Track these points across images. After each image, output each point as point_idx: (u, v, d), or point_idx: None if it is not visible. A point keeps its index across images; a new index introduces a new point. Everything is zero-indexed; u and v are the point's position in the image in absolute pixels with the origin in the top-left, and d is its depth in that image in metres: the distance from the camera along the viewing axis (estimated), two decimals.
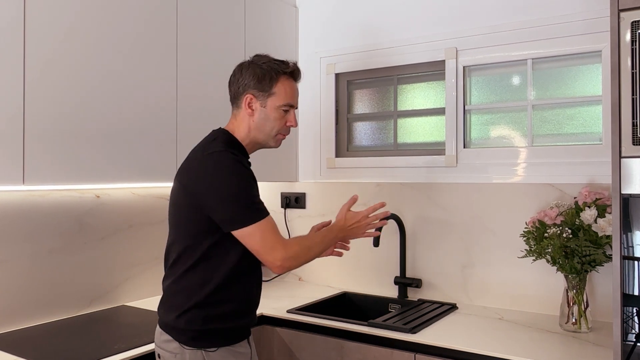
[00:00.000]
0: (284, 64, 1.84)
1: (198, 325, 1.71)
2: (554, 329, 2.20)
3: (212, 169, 1.69)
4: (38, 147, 1.94)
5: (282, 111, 1.83)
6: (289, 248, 1.72)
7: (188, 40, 2.49)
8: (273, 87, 1.81)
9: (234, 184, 1.69)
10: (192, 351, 1.71)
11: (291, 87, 1.85)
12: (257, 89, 1.81)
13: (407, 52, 2.86)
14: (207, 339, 1.72)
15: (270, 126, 1.83)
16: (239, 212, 1.68)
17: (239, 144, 1.84)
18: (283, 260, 1.70)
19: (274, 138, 1.87)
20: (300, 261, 1.76)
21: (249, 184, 1.71)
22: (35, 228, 2.26)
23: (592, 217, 2.12)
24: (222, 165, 1.69)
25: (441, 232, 2.72)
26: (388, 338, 2.12)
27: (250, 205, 1.69)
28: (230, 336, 1.76)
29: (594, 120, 2.43)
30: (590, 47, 2.39)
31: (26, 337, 2.08)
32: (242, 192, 1.69)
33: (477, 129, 2.72)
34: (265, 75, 1.80)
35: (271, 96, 1.81)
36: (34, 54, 1.92)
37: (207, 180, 1.69)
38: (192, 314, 1.72)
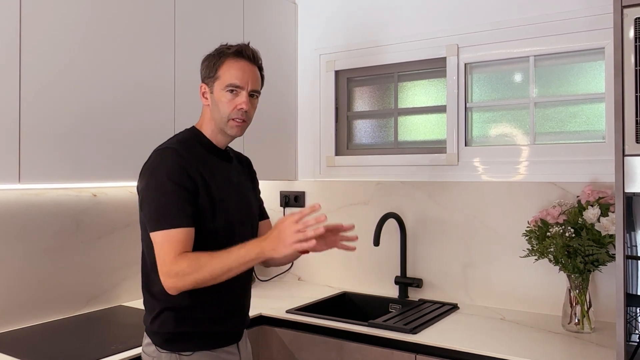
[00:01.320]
0: (227, 47, 1.76)
1: (171, 327, 1.69)
2: (557, 329, 2.20)
3: (148, 166, 1.68)
4: (34, 145, 1.94)
5: (228, 93, 1.72)
6: (177, 263, 1.55)
7: (186, 38, 2.49)
8: (218, 70, 1.74)
9: (157, 184, 1.62)
10: (167, 354, 1.69)
11: (237, 68, 1.73)
12: (206, 76, 1.77)
13: (408, 49, 2.86)
14: (181, 342, 1.69)
15: (221, 110, 1.74)
16: (152, 215, 1.62)
17: (205, 140, 1.78)
18: (167, 275, 1.56)
19: (227, 124, 1.75)
20: (191, 278, 1.54)
21: (175, 189, 1.61)
22: (31, 227, 2.26)
23: (595, 216, 2.12)
24: (156, 164, 1.66)
25: (442, 231, 2.72)
26: (388, 338, 2.12)
27: (164, 211, 1.60)
28: (207, 341, 1.72)
29: (597, 118, 2.43)
30: (593, 44, 2.39)
31: (22, 338, 2.08)
32: (162, 196, 1.61)
33: (479, 127, 2.72)
34: (212, 60, 1.76)
35: (217, 80, 1.74)
36: (30, 50, 1.92)
37: (143, 176, 1.68)
38: (164, 316, 1.69)
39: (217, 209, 1.70)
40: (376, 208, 2.90)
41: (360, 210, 2.97)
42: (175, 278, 1.56)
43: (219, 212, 1.71)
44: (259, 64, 1.81)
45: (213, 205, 1.69)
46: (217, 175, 1.75)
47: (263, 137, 2.91)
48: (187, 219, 1.61)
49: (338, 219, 3.03)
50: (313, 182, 3.16)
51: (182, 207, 1.61)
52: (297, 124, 3.23)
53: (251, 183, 1.97)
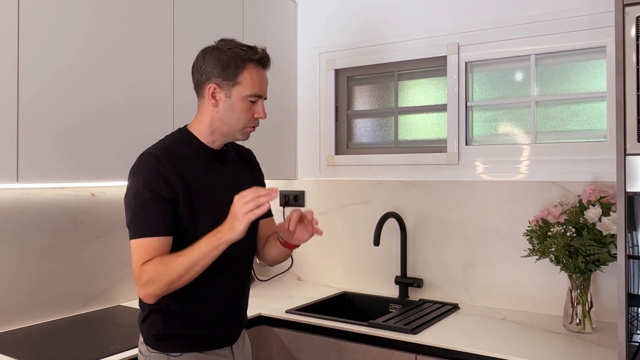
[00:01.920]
0: (251, 50, 1.70)
1: (160, 329, 1.69)
2: (558, 329, 2.20)
3: (131, 170, 1.66)
4: (32, 144, 1.93)
5: (249, 102, 1.68)
6: (142, 269, 1.55)
7: (185, 36, 2.49)
8: (239, 75, 1.66)
9: (135, 192, 1.60)
10: (156, 354, 1.69)
11: (259, 76, 1.69)
12: (222, 77, 1.67)
13: (408, 47, 2.86)
14: (170, 342, 1.69)
15: (237, 118, 1.69)
16: (128, 223, 1.61)
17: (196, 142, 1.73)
18: (137, 286, 1.56)
19: (242, 131, 1.72)
20: (161, 282, 1.53)
21: (150, 197, 1.58)
22: (29, 226, 2.26)
23: (596, 216, 2.12)
24: (136, 170, 1.64)
25: (443, 231, 2.72)
26: (388, 339, 2.12)
27: (136, 220, 1.58)
28: (197, 343, 1.71)
29: (598, 117, 2.43)
30: (594, 42, 2.39)
31: (20, 338, 2.08)
32: (137, 204, 1.58)
33: (480, 126, 2.72)
34: (231, 62, 1.66)
35: (237, 85, 1.66)
36: (28, 50, 1.92)
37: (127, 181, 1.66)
38: (153, 317, 1.69)
39: (199, 216, 1.65)
40: (376, 207, 2.90)
41: (360, 210, 2.97)
42: (146, 286, 1.55)
43: (202, 219, 1.65)
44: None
45: (194, 213, 1.64)
46: (206, 178, 1.70)
47: (262, 136, 2.90)
48: (160, 229, 1.58)
49: (338, 218, 3.04)
50: (313, 182, 3.16)
51: (156, 216, 1.58)
52: (297, 123, 3.22)
53: (252, 179, 1.88)
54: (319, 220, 3.14)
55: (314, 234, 1.75)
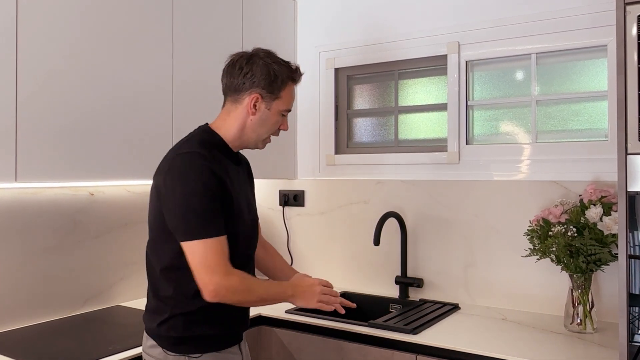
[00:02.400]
0: (294, 71, 1.79)
1: (179, 332, 1.68)
2: (559, 329, 2.20)
3: (177, 171, 1.62)
4: (31, 144, 1.93)
5: (282, 116, 1.80)
6: (229, 277, 1.60)
7: (184, 34, 2.49)
8: (281, 91, 1.76)
9: (192, 192, 1.59)
10: (175, 357, 1.68)
11: (293, 93, 1.82)
12: (267, 90, 1.73)
13: (409, 46, 2.86)
14: (190, 344, 1.69)
15: (267, 129, 1.79)
16: (188, 223, 1.59)
17: (222, 143, 1.77)
18: (217, 286, 1.57)
19: (264, 141, 1.83)
20: (236, 297, 1.63)
21: (209, 195, 1.60)
22: (27, 226, 2.26)
23: (597, 215, 2.12)
24: (187, 169, 1.62)
25: (443, 230, 2.72)
26: (389, 339, 2.12)
27: (203, 219, 1.59)
28: (216, 342, 1.73)
29: (599, 116, 2.43)
30: (595, 41, 2.39)
31: (18, 338, 2.08)
32: (198, 203, 1.59)
33: (480, 125, 2.72)
34: (278, 78, 1.74)
35: (277, 100, 1.76)
36: (27, 49, 1.92)
37: (170, 182, 1.62)
38: (174, 321, 1.69)
39: (235, 213, 1.70)
40: (376, 207, 2.90)
41: (360, 209, 2.97)
42: (225, 291, 1.60)
43: (237, 216, 1.71)
44: None
45: (231, 210, 1.68)
46: (233, 179, 1.74)
47: None
48: (222, 227, 1.63)
49: (338, 218, 3.04)
50: (313, 181, 3.16)
51: (219, 215, 1.63)
52: (297, 122, 3.22)
53: (251, 183, 1.97)
54: (319, 219, 3.14)
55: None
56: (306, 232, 3.16)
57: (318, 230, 3.11)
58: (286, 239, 3.21)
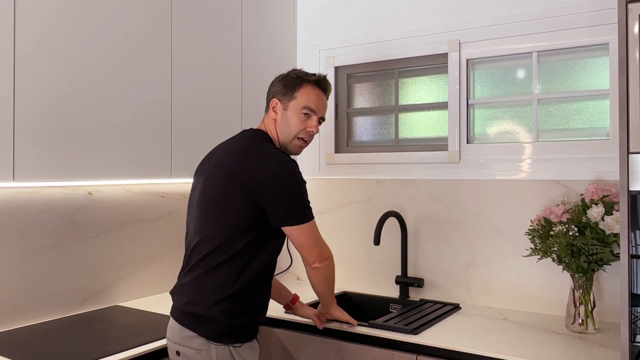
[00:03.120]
0: (310, 75, 2.02)
1: (230, 317, 1.82)
2: (560, 329, 2.20)
3: (276, 168, 1.84)
4: (28, 143, 1.93)
5: (303, 115, 1.97)
6: (329, 251, 2.00)
7: (183, 33, 2.48)
8: (296, 92, 1.97)
9: (295, 184, 1.86)
10: (219, 347, 1.79)
11: (314, 94, 1.99)
12: (282, 93, 1.99)
13: (409, 44, 2.86)
14: (234, 333, 1.83)
15: (290, 129, 1.97)
16: (296, 210, 1.86)
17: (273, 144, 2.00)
18: (322, 258, 1.95)
19: (292, 142, 1.99)
20: (331, 269, 2.03)
21: (304, 187, 1.89)
22: (25, 226, 2.26)
23: (599, 215, 2.12)
24: (285, 166, 1.85)
25: (444, 230, 2.72)
26: (389, 339, 2.12)
27: (306, 206, 1.89)
28: (251, 331, 1.90)
29: (601, 115, 2.43)
30: (597, 39, 2.39)
31: (16, 339, 2.08)
32: (301, 193, 1.87)
33: (481, 124, 2.72)
34: (291, 81, 1.99)
35: (293, 100, 1.97)
36: (24, 48, 1.92)
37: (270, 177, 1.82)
38: (227, 304, 1.82)
39: None
40: (376, 206, 2.90)
41: (360, 209, 2.97)
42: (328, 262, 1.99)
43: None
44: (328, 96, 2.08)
45: None
46: None
47: None
48: None
49: (338, 217, 3.04)
50: (312, 180, 3.16)
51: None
52: None
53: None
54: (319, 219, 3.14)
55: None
56: None
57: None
58: (286, 239, 3.20)
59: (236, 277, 1.83)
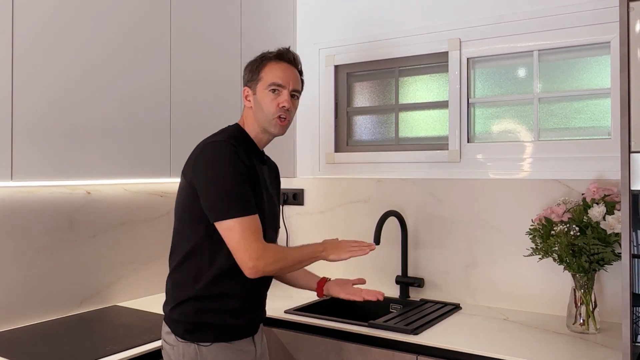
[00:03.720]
0: (273, 50, 1.90)
1: (190, 317, 1.76)
2: (561, 330, 2.20)
3: (208, 156, 1.74)
4: (27, 142, 1.93)
5: (271, 92, 1.84)
6: (267, 251, 1.71)
7: (182, 31, 2.48)
8: (261, 72, 1.86)
9: (225, 174, 1.71)
10: (185, 344, 1.75)
11: (279, 68, 1.86)
12: (249, 79, 1.89)
13: (409, 43, 2.86)
14: (200, 332, 1.75)
15: (264, 111, 1.85)
16: (224, 203, 1.70)
17: (248, 137, 1.89)
18: (256, 261, 1.68)
19: (271, 122, 1.86)
20: (276, 266, 1.74)
21: (241, 178, 1.72)
22: (24, 225, 2.26)
23: (600, 214, 2.12)
24: (218, 154, 1.73)
25: (444, 229, 2.72)
26: (389, 339, 2.12)
27: (237, 199, 1.70)
28: (226, 333, 1.79)
29: (602, 114, 2.43)
30: (598, 38, 2.39)
31: (14, 339, 2.08)
32: (231, 184, 1.71)
33: (482, 123, 2.72)
34: (254, 64, 1.89)
35: (260, 81, 1.86)
36: (22, 47, 1.91)
37: (202, 167, 1.74)
38: (185, 306, 1.77)
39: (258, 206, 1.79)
40: (377, 206, 2.89)
41: (360, 208, 2.97)
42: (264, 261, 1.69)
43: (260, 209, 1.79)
44: (299, 67, 1.93)
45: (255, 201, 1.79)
46: (258, 173, 1.84)
47: None
48: (255, 206, 1.74)
49: (338, 217, 3.04)
50: (312, 180, 3.16)
51: (250, 195, 1.74)
52: (296, 120, 3.22)
53: (277, 189, 2.06)
54: (319, 218, 3.14)
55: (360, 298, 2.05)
56: (306, 231, 3.15)
57: (318, 230, 3.11)
58: (285, 238, 3.21)
59: (195, 277, 1.76)
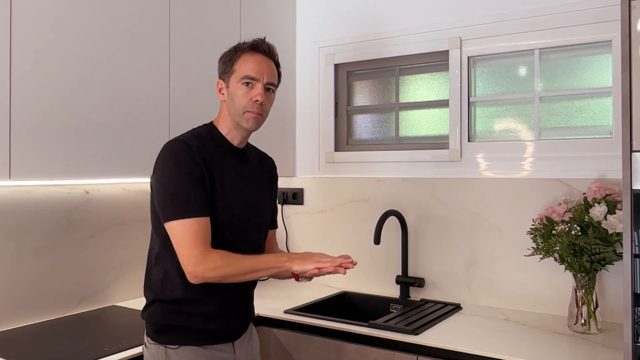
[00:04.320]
0: (247, 41, 1.83)
1: (158, 319, 1.75)
2: (562, 330, 2.20)
3: (160, 157, 1.73)
4: (25, 141, 1.93)
5: (244, 85, 1.77)
6: (209, 257, 1.64)
7: (181, 30, 2.48)
8: (234, 65, 1.79)
9: (170, 174, 1.69)
10: (155, 346, 1.74)
11: (252, 60, 1.79)
12: (223, 71, 1.83)
13: (409, 41, 2.85)
14: (168, 334, 1.74)
15: (236, 105, 1.78)
16: (167, 204, 1.68)
17: (218, 135, 1.82)
18: (194, 266, 1.62)
19: (243, 117, 1.77)
20: (219, 272, 1.64)
21: (188, 179, 1.67)
22: (21, 225, 2.26)
23: (602, 214, 2.12)
24: (168, 154, 1.72)
25: (444, 229, 2.72)
26: (389, 340, 2.12)
27: (180, 200, 1.66)
28: (196, 336, 1.74)
29: (603, 113, 2.43)
30: (600, 36, 2.39)
31: (12, 339, 2.08)
32: (176, 185, 1.67)
33: (482, 122, 2.72)
34: (227, 56, 1.83)
35: (233, 74, 1.79)
36: (21, 45, 1.91)
37: (155, 167, 1.74)
38: (154, 307, 1.77)
39: (218, 203, 1.73)
40: (377, 205, 2.89)
41: (360, 208, 2.97)
42: (205, 266, 1.62)
43: (220, 206, 1.74)
44: (275, 59, 1.86)
45: (214, 199, 1.73)
46: (227, 172, 1.78)
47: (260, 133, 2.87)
48: (204, 208, 1.68)
49: (338, 216, 3.03)
50: (312, 179, 3.16)
51: (198, 196, 1.68)
52: (296, 119, 3.22)
53: (269, 186, 1.99)
54: (318, 218, 3.15)
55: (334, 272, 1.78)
56: (305, 231, 3.15)
57: (317, 229, 3.11)
58: (285, 238, 3.20)
59: (162, 280, 1.74)
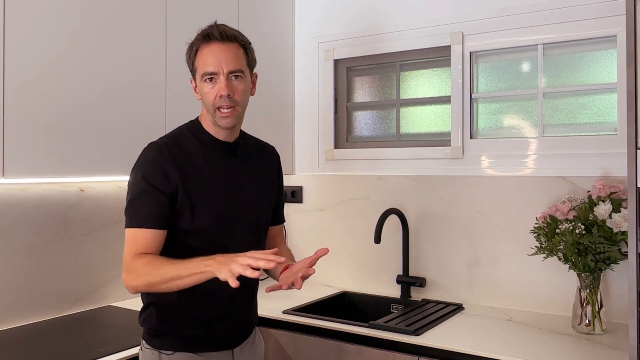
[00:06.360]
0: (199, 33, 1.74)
1: (153, 323, 1.75)
2: (566, 330, 2.20)
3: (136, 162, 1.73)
4: (19, 138, 1.93)
5: (207, 82, 1.69)
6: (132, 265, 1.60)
7: (178, 25, 2.47)
8: (195, 62, 1.73)
9: (134, 182, 1.68)
10: (150, 350, 1.74)
11: (207, 52, 1.69)
12: (190, 70, 1.77)
13: (411, 37, 2.85)
14: (162, 339, 1.73)
15: (207, 103, 1.72)
16: (125, 211, 1.68)
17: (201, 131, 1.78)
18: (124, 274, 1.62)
19: (216, 115, 1.71)
20: (141, 282, 1.59)
21: (147, 188, 1.65)
22: (15, 223, 2.26)
23: (606, 212, 2.12)
24: (140, 162, 1.71)
25: (446, 228, 2.72)
26: (390, 340, 2.12)
27: (131, 209, 1.66)
28: (191, 342, 1.73)
29: (608, 110, 2.43)
30: (604, 31, 2.38)
31: (6, 340, 2.08)
32: (131, 193, 1.68)
33: (485, 119, 2.72)
34: (188, 53, 1.76)
35: (196, 73, 1.73)
36: (13, 40, 1.91)
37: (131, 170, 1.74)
38: (150, 311, 1.76)
39: (198, 208, 1.69)
40: (377, 204, 2.89)
41: (360, 206, 2.97)
42: (130, 275, 1.61)
43: (200, 211, 1.70)
44: (236, 41, 1.72)
45: (193, 206, 1.69)
46: (210, 170, 1.74)
47: (259, 130, 2.88)
48: (154, 221, 1.64)
49: (337, 215, 3.04)
50: (311, 177, 3.16)
51: (151, 208, 1.65)
52: (295, 115, 3.22)
53: (268, 178, 1.93)
54: (318, 216, 3.14)
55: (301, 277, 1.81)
56: (304, 230, 3.15)
57: (317, 228, 3.11)
58: (284, 237, 3.20)
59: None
